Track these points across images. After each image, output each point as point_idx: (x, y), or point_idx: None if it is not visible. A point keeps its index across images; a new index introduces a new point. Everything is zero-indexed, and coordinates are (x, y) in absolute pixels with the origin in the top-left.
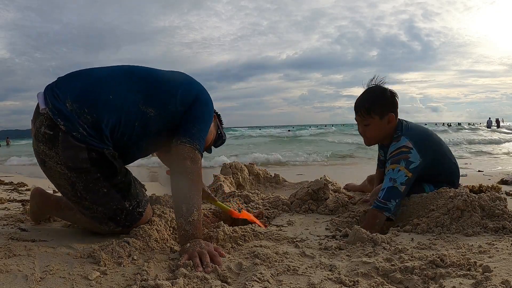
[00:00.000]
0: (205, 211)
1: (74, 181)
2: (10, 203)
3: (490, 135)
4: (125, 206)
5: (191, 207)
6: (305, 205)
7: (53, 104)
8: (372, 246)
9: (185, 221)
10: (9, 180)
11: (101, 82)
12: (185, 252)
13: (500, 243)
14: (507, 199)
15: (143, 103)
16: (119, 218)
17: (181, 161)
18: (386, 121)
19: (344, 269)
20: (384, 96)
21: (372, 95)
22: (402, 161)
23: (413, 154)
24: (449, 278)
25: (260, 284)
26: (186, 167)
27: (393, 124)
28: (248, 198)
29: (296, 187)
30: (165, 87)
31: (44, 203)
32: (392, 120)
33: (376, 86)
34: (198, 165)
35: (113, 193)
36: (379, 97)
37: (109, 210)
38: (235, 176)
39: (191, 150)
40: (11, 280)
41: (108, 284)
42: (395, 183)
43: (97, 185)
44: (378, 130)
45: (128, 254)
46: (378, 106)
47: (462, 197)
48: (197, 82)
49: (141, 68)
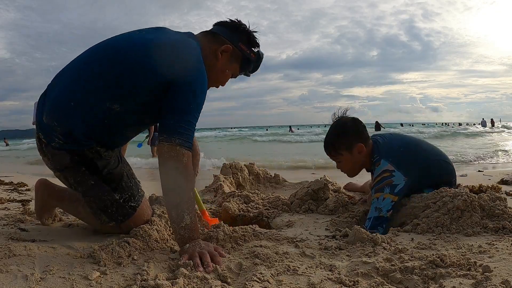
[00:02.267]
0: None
1: (66, 176)
2: (10, 203)
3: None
4: (115, 198)
5: (181, 212)
6: (305, 205)
7: (37, 117)
8: (372, 246)
9: (178, 226)
10: (9, 180)
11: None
12: (185, 253)
13: (500, 243)
14: (507, 199)
15: (107, 99)
16: (110, 211)
17: (162, 164)
18: (356, 152)
19: (344, 269)
20: (346, 129)
21: (335, 133)
22: (385, 188)
23: (396, 176)
24: (449, 278)
25: (260, 284)
26: (167, 169)
27: (364, 152)
28: (248, 198)
29: (296, 187)
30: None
31: (49, 195)
32: (361, 150)
33: (338, 120)
34: (182, 162)
35: (102, 185)
36: (342, 133)
37: (100, 201)
38: (235, 176)
39: (170, 148)
40: (11, 280)
41: (108, 284)
42: (380, 212)
43: (84, 178)
44: (352, 163)
45: (128, 254)
46: (343, 141)
47: (462, 197)
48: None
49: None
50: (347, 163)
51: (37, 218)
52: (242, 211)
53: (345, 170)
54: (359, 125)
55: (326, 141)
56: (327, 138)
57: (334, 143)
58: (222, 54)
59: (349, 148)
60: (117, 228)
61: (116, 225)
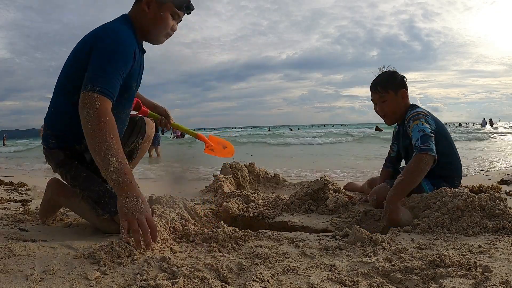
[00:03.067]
0: (205, 211)
1: (64, 172)
2: (10, 203)
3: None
4: (106, 188)
5: (105, 156)
6: (305, 205)
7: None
8: (372, 246)
9: (107, 171)
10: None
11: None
12: (125, 216)
13: (500, 243)
14: (507, 199)
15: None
16: (103, 202)
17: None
18: (400, 96)
19: (344, 269)
20: (395, 75)
21: (385, 75)
22: (422, 119)
23: (430, 119)
24: (449, 278)
25: (260, 284)
26: (83, 116)
27: (406, 100)
28: (248, 198)
29: (296, 187)
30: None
31: (58, 191)
32: (405, 96)
33: (387, 70)
34: (95, 106)
35: (93, 177)
36: (391, 76)
37: (93, 192)
38: (235, 176)
39: (83, 96)
40: (11, 280)
41: (108, 284)
42: (425, 131)
43: (77, 172)
44: (395, 104)
45: (128, 254)
46: (392, 82)
47: (462, 197)
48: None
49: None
50: (391, 103)
51: (40, 216)
52: (242, 211)
53: (387, 111)
54: (403, 77)
55: (375, 80)
56: (377, 79)
57: (383, 82)
58: (150, 5)
59: (396, 89)
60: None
61: (110, 217)
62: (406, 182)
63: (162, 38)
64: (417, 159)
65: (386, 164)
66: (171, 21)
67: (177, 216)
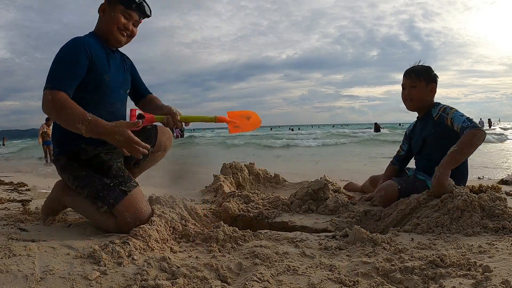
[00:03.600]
0: (205, 211)
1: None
2: (10, 203)
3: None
4: (105, 182)
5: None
6: (305, 205)
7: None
8: (372, 246)
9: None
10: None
11: None
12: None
13: (500, 243)
14: (507, 199)
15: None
16: (102, 194)
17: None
18: (429, 89)
19: (344, 269)
20: (430, 70)
21: (422, 67)
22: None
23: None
24: (449, 278)
25: (260, 284)
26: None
27: (433, 95)
28: (248, 198)
29: (296, 187)
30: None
31: (64, 191)
32: (433, 90)
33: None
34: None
35: (93, 174)
36: (427, 69)
37: (93, 188)
38: (235, 176)
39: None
40: (11, 280)
41: (108, 284)
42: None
43: (78, 172)
44: (423, 94)
45: (128, 254)
46: (427, 74)
47: (462, 197)
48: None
49: None
50: (419, 92)
51: (42, 213)
52: (242, 211)
53: (413, 97)
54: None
55: (411, 68)
56: (414, 67)
57: (419, 71)
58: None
59: (428, 81)
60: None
61: (109, 210)
62: (459, 152)
63: (117, 36)
64: (472, 134)
65: (394, 162)
66: (123, 20)
67: (177, 216)
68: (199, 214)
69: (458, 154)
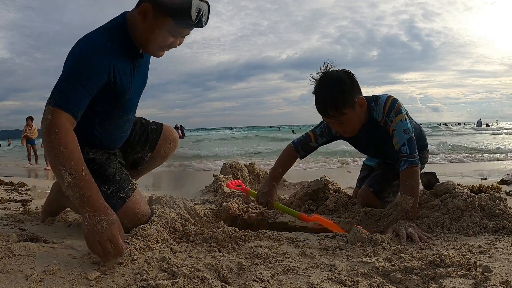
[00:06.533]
0: (205, 211)
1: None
2: (10, 203)
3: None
4: (102, 190)
5: (58, 172)
6: (305, 205)
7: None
8: (372, 246)
9: (64, 187)
10: (9, 180)
11: None
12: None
13: (500, 243)
14: (507, 199)
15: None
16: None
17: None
18: (358, 107)
19: (344, 269)
20: (344, 84)
21: (332, 91)
22: (402, 109)
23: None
24: (449, 278)
25: (260, 284)
26: (43, 132)
27: (364, 106)
28: (248, 198)
29: (296, 187)
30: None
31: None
32: (362, 103)
33: (328, 75)
34: (47, 119)
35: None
36: (340, 89)
37: None
38: (235, 176)
39: (45, 111)
40: (11, 280)
41: (108, 284)
42: (410, 134)
43: None
44: (356, 119)
45: (128, 254)
46: (344, 99)
47: (462, 197)
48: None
49: None
50: (351, 122)
51: (41, 214)
52: (242, 211)
53: (348, 129)
54: (353, 77)
55: (322, 101)
56: (324, 98)
57: (335, 103)
58: (146, 16)
59: (352, 104)
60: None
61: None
62: (415, 200)
63: (156, 53)
64: (412, 174)
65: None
66: (170, 39)
67: (177, 216)
68: (199, 214)
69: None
